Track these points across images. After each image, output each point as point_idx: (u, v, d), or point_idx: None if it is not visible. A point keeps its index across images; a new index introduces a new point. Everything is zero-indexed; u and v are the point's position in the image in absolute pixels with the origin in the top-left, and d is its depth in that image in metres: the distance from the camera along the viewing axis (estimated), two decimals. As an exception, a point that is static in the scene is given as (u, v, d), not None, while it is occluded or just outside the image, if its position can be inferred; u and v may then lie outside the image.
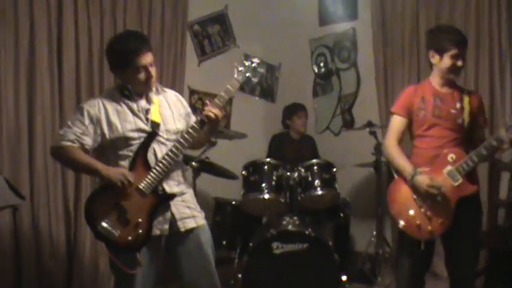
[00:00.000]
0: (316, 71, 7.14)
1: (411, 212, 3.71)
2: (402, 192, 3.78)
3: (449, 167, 3.64)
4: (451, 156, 3.65)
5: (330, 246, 4.75)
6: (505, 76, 5.12)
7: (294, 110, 6.33)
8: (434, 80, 3.84)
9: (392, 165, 3.99)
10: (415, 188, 3.68)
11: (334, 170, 5.18)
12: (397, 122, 3.90)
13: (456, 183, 3.61)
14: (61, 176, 5.20)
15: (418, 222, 3.67)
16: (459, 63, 3.68)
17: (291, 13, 7.19)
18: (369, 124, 5.51)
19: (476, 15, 5.24)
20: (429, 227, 3.65)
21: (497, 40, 5.12)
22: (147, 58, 3.30)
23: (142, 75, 3.30)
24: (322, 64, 7.06)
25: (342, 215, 5.65)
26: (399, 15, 5.88)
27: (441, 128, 3.74)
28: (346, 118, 6.79)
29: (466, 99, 3.77)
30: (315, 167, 5.13)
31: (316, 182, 5.06)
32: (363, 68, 6.58)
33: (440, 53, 3.71)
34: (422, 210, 3.68)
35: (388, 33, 6.02)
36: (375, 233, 5.62)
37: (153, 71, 3.35)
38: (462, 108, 3.74)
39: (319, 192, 5.04)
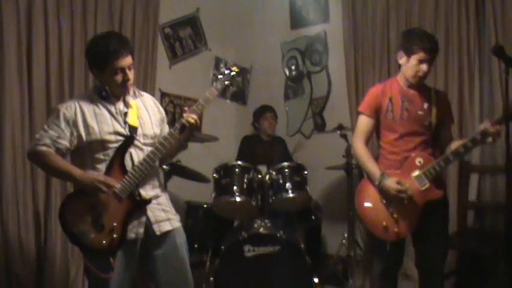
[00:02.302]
0: (287, 74, 7.16)
1: (378, 214, 3.75)
2: (370, 193, 3.82)
3: (417, 172, 3.68)
4: (418, 160, 3.70)
5: (302, 249, 4.76)
6: (474, 80, 5.19)
7: (260, 112, 6.38)
8: (402, 79, 3.86)
9: (360, 166, 4.02)
10: (383, 192, 3.71)
11: (306, 172, 5.19)
12: (364, 122, 3.93)
13: (423, 188, 3.65)
14: (31, 183, 5.12)
15: (384, 223, 3.71)
16: (423, 67, 3.69)
17: (262, 16, 7.22)
18: (340, 127, 5.55)
19: (446, 20, 5.31)
20: (395, 229, 3.70)
21: (466, 44, 5.19)
22: (127, 61, 3.29)
23: (119, 77, 3.28)
24: (293, 67, 7.09)
25: (313, 217, 5.66)
26: (370, 19, 5.93)
27: (409, 131, 3.77)
28: (317, 121, 6.82)
29: (434, 99, 3.80)
30: (286, 170, 5.14)
31: (288, 184, 5.06)
32: (334, 71, 6.63)
33: (408, 54, 3.73)
34: (389, 212, 3.72)
35: (359, 37, 6.07)
36: (346, 235, 5.65)
37: (130, 74, 3.34)
38: (430, 109, 3.77)
39: (291, 194, 5.04)
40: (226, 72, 3.54)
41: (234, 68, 3.57)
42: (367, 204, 3.83)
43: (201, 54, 6.88)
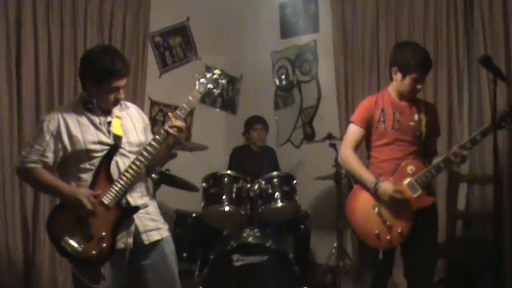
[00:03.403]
0: (277, 83, 7.16)
1: (371, 222, 3.76)
2: (361, 201, 3.84)
3: (408, 179, 3.70)
4: (410, 168, 3.72)
5: (291, 258, 4.77)
6: (463, 92, 5.22)
7: (250, 124, 6.34)
8: (393, 92, 3.88)
9: (351, 174, 4.03)
10: (378, 197, 3.73)
11: (295, 182, 5.20)
12: (354, 132, 3.93)
13: (415, 195, 3.67)
14: (19, 190, 5.13)
15: (377, 231, 3.72)
16: (418, 86, 3.73)
17: (252, 25, 7.21)
18: (329, 136, 5.55)
19: (435, 30, 5.34)
20: (388, 237, 3.71)
21: (455, 55, 5.21)
22: (124, 82, 3.31)
23: (112, 97, 3.29)
24: (283, 76, 7.09)
25: (302, 227, 5.66)
26: (360, 29, 5.95)
27: (400, 141, 3.79)
28: (307, 130, 6.82)
29: (423, 109, 3.85)
30: (275, 179, 5.14)
31: (277, 194, 5.06)
32: (323, 81, 6.63)
33: (404, 73, 3.74)
34: (382, 219, 3.73)
35: (348, 46, 6.08)
36: (335, 245, 5.64)
37: (123, 93, 3.35)
38: (420, 120, 3.80)
39: (280, 204, 5.05)
40: (208, 75, 3.55)
41: (216, 71, 3.58)
42: (358, 213, 3.84)
43: (191, 63, 6.85)
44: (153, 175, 5.15)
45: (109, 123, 3.35)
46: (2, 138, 5.00)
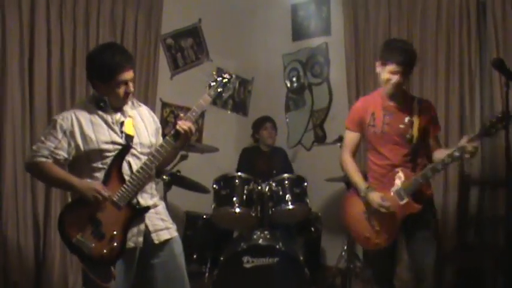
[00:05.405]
0: (288, 85, 7.16)
1: (362, 225, 3.92)
2: (355, 205, 3.99)
3: (396, 187, 3.76)
4: (399, 176, 3.78)
5: (301, 261, 4.76)
6: (475, 93, 5.19)
7: (260, 123, 6.39)
8: (383, 92, 3.92)
9: (348, 178, 4.18)
10: (367, 203, 3.85)
11: (305, 184, 5.20)
12: (349, 137, 4.11)
13: (402, 202, 3.73)
14: (30, 189, 5.13)
15: (367, 235, 3.89)
16: (394, 78, 3.73)
17: (264, 27, 7.22)
18: (340, 139, 5.52)
19: (447, 33, 5.31)
20: (376, 240, 3.86)
21: (467, 57, 5.19)
22: (130, 74, 3.33)
23: (122, 90, 3.31)
24: (294, 79, 7.09)
25: (312, 229, 5.67)
26: (372, 32, 5.93)
27: (391, 144, 3.86)
28: (318, 133, 6.81)
29: (416, 109, 3.85)
30: (286, 181, 5.15)
31: (287, 196, 5.08)
32: (335, 83, 6.62)
33: (383, 64, 3.80)
34: (371, 224, 3.86)
35: (360, 49, 6.06)
36: (345, 247, 5.64)
37: (132, 86, 3.37)
38: (411, 122, 3.82)
39: (290, 206, 5.06)
40: (219, 79, 3.57)
41: (226, 75, 3.60)
42: (351, 215, 4.03)
43: (202, 65, 6.86)
44: (164, 176, 5.16)
45: (122, 123, 3.37)
46: (14, 138, 5.02)
